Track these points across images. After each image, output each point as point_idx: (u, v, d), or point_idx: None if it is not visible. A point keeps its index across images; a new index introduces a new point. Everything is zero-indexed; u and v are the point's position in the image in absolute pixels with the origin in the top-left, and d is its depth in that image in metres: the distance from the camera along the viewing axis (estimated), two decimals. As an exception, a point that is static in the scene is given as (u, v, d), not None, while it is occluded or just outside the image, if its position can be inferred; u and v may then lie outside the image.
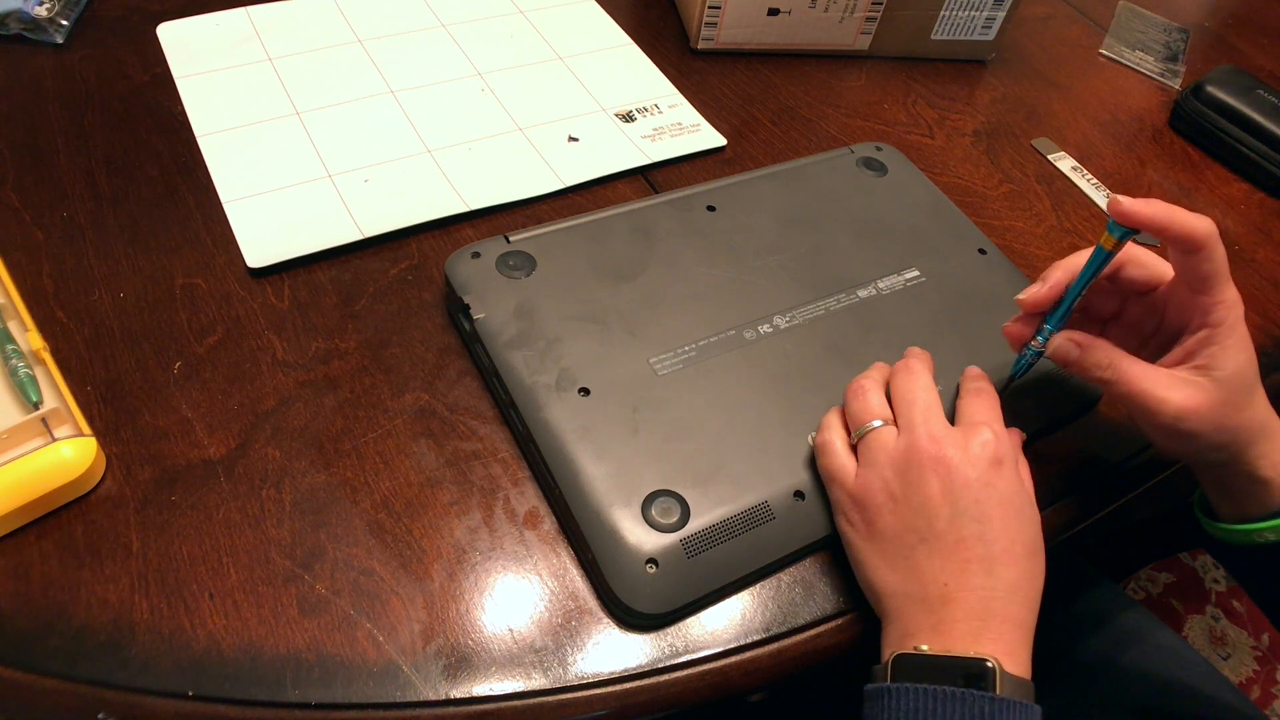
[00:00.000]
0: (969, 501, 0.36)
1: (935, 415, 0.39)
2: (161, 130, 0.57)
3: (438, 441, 0.44)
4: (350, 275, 0.51)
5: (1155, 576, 1.19)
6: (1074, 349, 0.40)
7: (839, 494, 0.40)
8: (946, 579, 0.36)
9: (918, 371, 0.41)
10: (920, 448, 0.38)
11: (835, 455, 0.40)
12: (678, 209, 0.53)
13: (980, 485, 0.37)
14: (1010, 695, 0.33)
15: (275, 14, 0.67)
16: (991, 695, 0.33)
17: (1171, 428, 0.38)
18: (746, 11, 0.68)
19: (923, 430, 0.38)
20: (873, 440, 0.39)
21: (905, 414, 0.39)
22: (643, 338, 0.46)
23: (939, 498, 0.37)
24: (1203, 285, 0.38)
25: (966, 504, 0.36)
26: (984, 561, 0.36)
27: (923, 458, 0.37)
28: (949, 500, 0.37)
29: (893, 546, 0.38)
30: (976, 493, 0.37)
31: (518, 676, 0.37)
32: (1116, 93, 0.76)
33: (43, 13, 0.61)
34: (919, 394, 0.40)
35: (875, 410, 0.40)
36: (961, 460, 0.37)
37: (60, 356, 0.45)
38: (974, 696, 0.33)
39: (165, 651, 0.36)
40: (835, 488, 0.40)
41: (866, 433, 0.40)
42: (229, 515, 0.41)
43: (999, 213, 0.63)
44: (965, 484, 0.37)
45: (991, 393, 0.41)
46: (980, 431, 0.38)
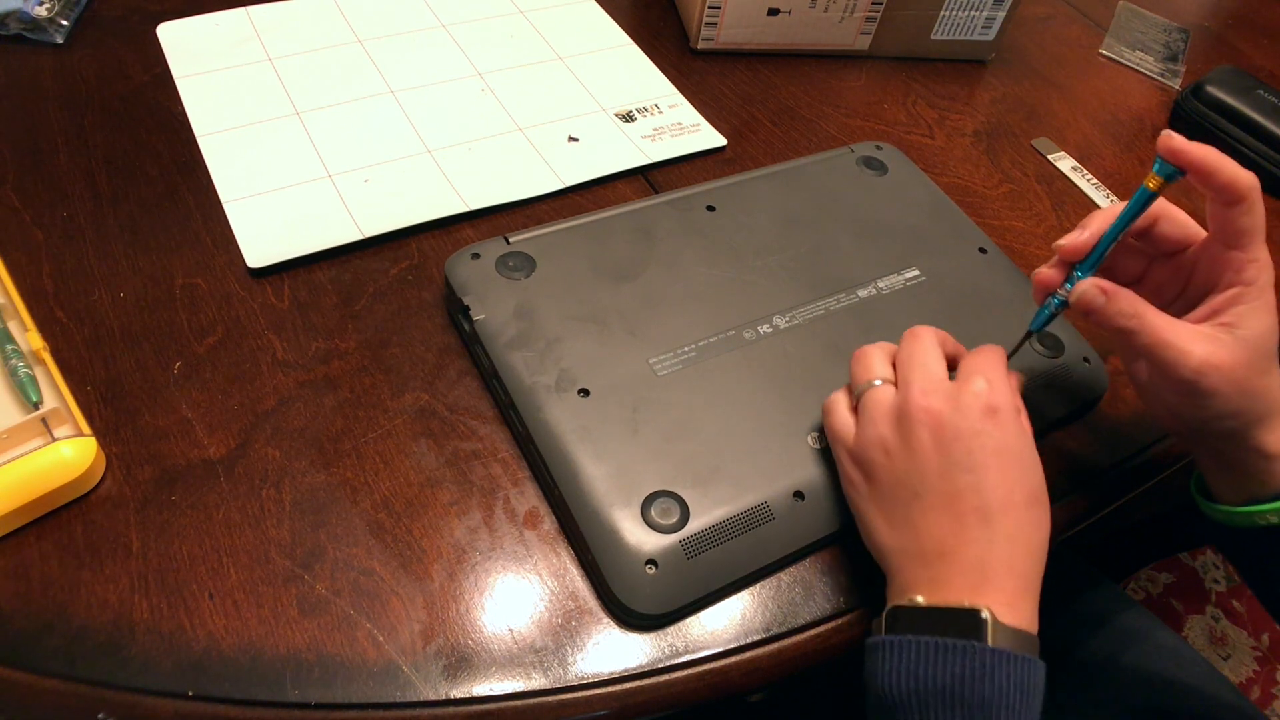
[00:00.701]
0: (961, 453, 0.36)
1: (933, 371, 0.38)
2: (161, 130, 0.57)
3: (438, 441, 0.44)
4: (350, 275, 0.51)
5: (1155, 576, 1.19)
6: (1100, 296, 0.39)
7: (840, 453, 0.40)
8: (943, 533, 0.35)
9: (922, 335, 0.40)
10: (913, 401, 0.37)
11: (837, 415, 0.41)
12: (677, 209, 0.53)
13: (972, 435, 0.36)
14: (1008, 646, 0.33)
15: (275, 14, 0.67)
16: (988, 646, 0.32)
17: (1191, 383, 0.37)
18: (746, 11, 0.68)
19: (917, 385, 0.38)
20: (870, 398, 0.39)
21: (904, 372, 0.39)
22: (642, 338, 0.46)
23: (931, 451, 0.36)
24: (1239, 240, 0.37)
25: (959, 455, 0.36)
26: (980, 513, 0.35)
27: (914, 410, 0.37)
28: (941, 452, 0.36)
29: (890, 503, 0.37)
30: (968, 443, 0.36)
31: (518, 676, 0.37)
32: (1116, 93, 0.76)
33: (43, 13, 0.61)
34: (918, 353, 0.39)
35: (875, 371, 0.40)
36: (952, 411, 0.37)
37: (60, 356, 0.45)
38: (970, 648, 0.32)
39: (165, 651, 0.36)
40: (837, 447, 0.41)
41: (864, 391, 0.40)
42: (229, 515, 0.41)
43: (999, 213, 0.63)
44: (956, 435, 0.36)
45: (994, 348, 0.40)
46: (974, 381, 0.37)
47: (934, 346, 0.40)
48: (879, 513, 0.38)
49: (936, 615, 0.34)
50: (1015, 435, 0.37)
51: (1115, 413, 0.51)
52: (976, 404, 0.37)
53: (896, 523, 0.37)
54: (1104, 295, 0.39)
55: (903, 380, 0.39)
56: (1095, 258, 0.40)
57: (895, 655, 0.34)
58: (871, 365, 0.41)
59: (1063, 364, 0.49)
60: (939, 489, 0.36)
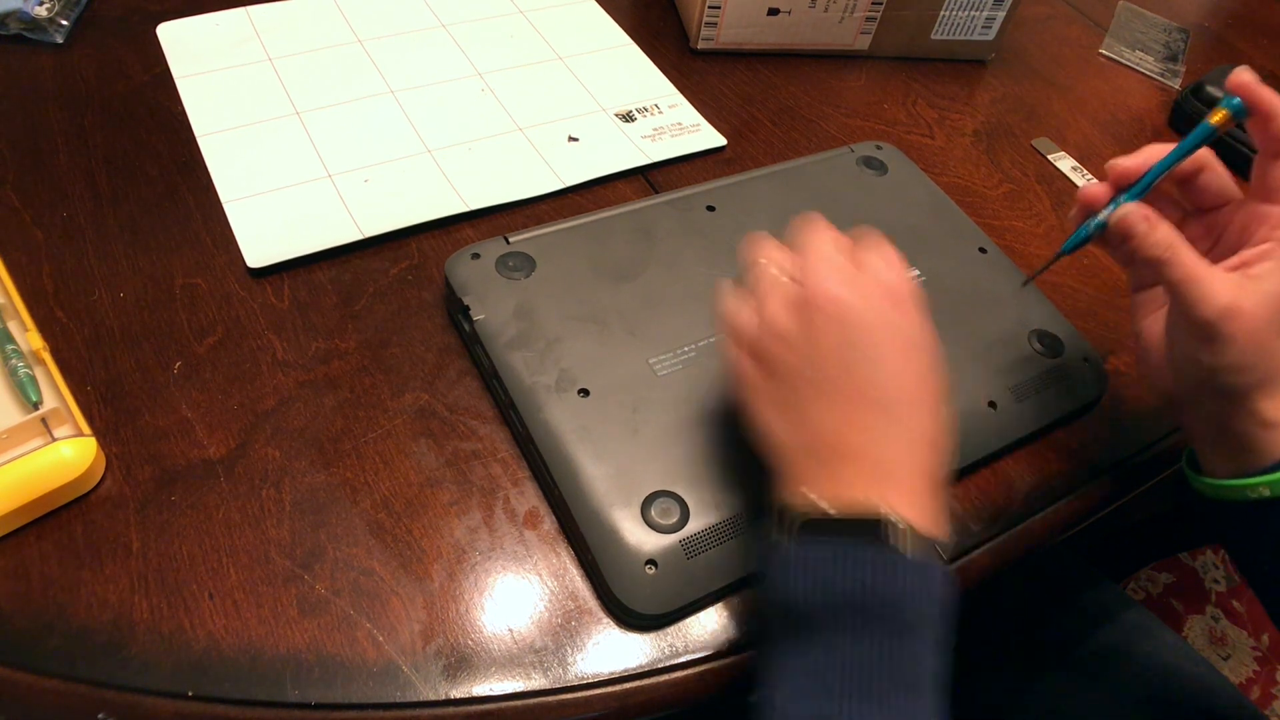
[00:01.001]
0: (866, 343, 0.34)
1: (834, 259, 0.37)
2: (161, 130, 0.57)
3: (438, 441, 0.44)
4: (350, 275, 0.51)
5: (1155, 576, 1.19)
6: (1142, 222, 0.38)
7: (735, 349, 0.38)
8: (843, 428, 0.34)
9: (818, 223, 0.39)
10: (813, 287, 0.35)
11: (732, 309, 0.39)
12: (677, 209, 0.53)
13: (878, 325, 0.35)
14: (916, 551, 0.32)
15: (275, 14, 0.67)
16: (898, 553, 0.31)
17: (1212, 325, 0.36)
18: (746, 11, 0.68)
19: (817, 272, 0.36)
20: (770, 288, 0.37)
21: (805, 260, 0.37)
22: (642, 338, 0.46)
23: (834, 341, 0.35)
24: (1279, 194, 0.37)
25: (863, 345, 0.34)
26: (882, 406, 0.34)
27: (819, 299, 0.35)
28: (845, 342, 0.34)
29: (787, 397, 0.36)
30: (874, 333, 0.35)
31: (518, 676, 0.37)
32: (1116, 93, 0.76)
33: (43, 13, 0.61)
34: (818, 241, 0.37)
35: (774, 260, 0.38)
36: (859, 299, 0.35)
37: (60, 356, 0.45)
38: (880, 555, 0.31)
39: (165, 651, 0.36)
40: (731, 339, 0.38)
41: (761, 276, 0.38)
42: (229, 515, 0.41)
43: (999, 213, 0.63)
44: (861, 323, 0.35)
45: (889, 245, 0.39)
46: (878, 268, 0.36)
47: (831, 232, 0.38)
48: (774, 408, 0.36)
49: (844, 522, 0.32)
50: (919, 327, 0.36)
51: (1115, 413, 0.51)
52: (882, 292, 0.35)
53: (794, 418, 0.35)
54: (1145, 222, 0.38)
55: (804, 268, 0.37)
56: (1143, 186, 0.40)
57: (802, 565, 0.32)
58: (770, 255, 0.38)
59: (1062, 364, 0.49)
60: (840, 381, 0.34)
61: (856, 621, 0.31)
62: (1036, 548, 0.46)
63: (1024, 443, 0.48)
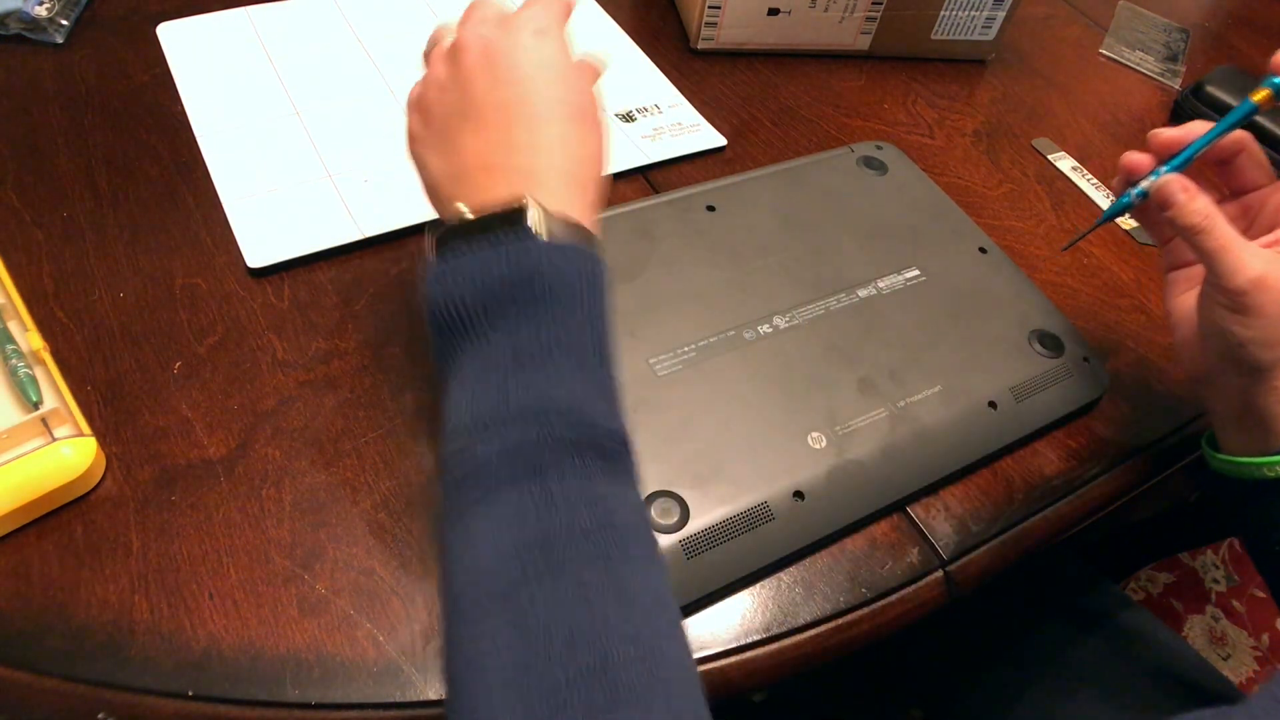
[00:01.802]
0: (506, 67, 0.35)
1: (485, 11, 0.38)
2: (161, 130, 0.57)
3: (438, 441, 0.44)
4: (350, 275, 0.51)
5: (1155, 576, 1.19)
6: (1180, 191, 0.40)
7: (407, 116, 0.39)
8: (489, 147, 0.35)
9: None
10: (465, 33, 0.37)
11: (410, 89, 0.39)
12: (677, 209, 0.53)
13: (518, 49, 0.36)
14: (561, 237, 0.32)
15: (275, 14, 0.67)
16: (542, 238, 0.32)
17: (1242, 294, 0.37)
18: (746, 11, 0.68)
19: (472, 20, 0.37)
20: (436, 50, 0.38)
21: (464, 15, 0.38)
22: (642, 338, 0.46)
23: (479, 72, 0.36)
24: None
25: (504, 71, 0.35)
26: (526, 121, 0.35)
27: (465, 40, 0.36)
28: (487, 70, 0.35)
29: (440, 133, 0.36)
30: (515, 57, 0.35)
31: (518, 676, 0.37)
32: (1116, 93, 0.76)
33: (43, 13, 0.61)
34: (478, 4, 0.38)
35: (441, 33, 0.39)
36: (503, 35, 0.36)
37: (60, 356, 0.45)
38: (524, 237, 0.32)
39: (165, 651, 0.36)
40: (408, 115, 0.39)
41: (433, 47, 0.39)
42: (229, 515, 0.41)
43: (999, 213, 0.63)
44: (502, 52, 0.36)
45: None
46: (527, 9, 0.37)
47: None
48: (431, 150, 0.37)
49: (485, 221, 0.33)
50: (563, 53, 0.37)
51: (1115, 412, 0.51)
52: (526, 26, 0.36)
53: (447, 151, 0.36)
54: (1186, 191, 0.40)
55: (460, 21, 0.38)
56: (1184, 158, 0.41)
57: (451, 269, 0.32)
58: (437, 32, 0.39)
59: (1063, 364, 0.49)
60: (485, 106, 0.35)
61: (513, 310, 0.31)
62: (1036, 548, 0.46)
63: (1024, 443, 0.48)
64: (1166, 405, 0.52)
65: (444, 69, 0.37)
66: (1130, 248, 0.62)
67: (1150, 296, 0.58)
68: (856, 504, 0.43)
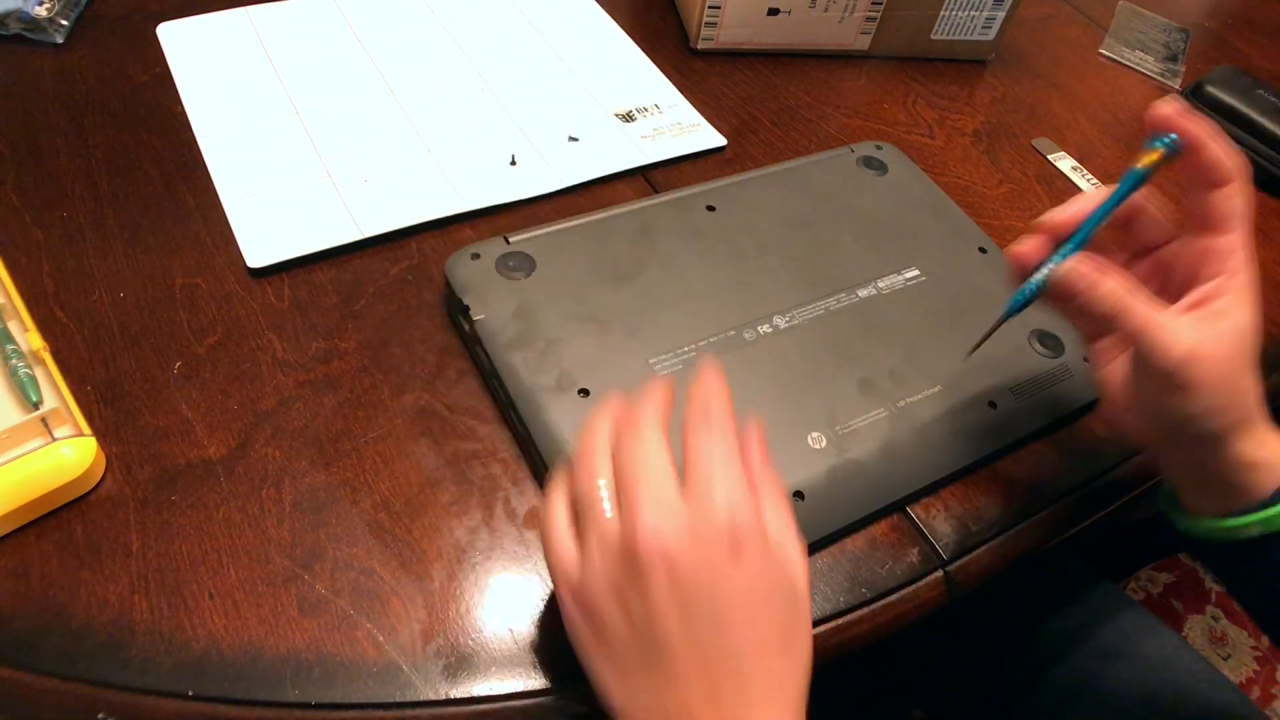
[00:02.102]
0: (705, 606, 0.30)
1: (660, 489, 0.31)
2: (161, 130, 0.57)
3: (437, 441, 0.44)
4: (350, 275, 0.51)
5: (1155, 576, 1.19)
6: (1081, 279, 0.36)
7: (559, 587, 0.33)
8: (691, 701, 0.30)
9: (643, 432, 0.33)
10: (642, 539, 0.30)
11: (554, 538, 0.34)
12: (677, 209, 0.53)
13: (715, 583, 0.31)
14: None
15: (275, 14, 0.67)
16: None
17: (1176, 373, 0.34)
18: (746, 11, 0.68)
19: (644, 515, 0.31)
20: (593, 523, 0.32)
21: (625, 491, 0.32)
22: (643, 338, 0.46)
23: (669, 604, 0.30)
24: (1224, 224, 0.35)
25: (702, 609, 0.30)
26: (734, 675, 0.31)
27: (645, 552, 0.30)
28: (681, 606, 0.30)
29: (625, 663, 0.32)
30: (712, 594, 0.31)
31: (518, 676, 0.37)
32: (1116, 93, 0.76)
33: (43, 13, 0.61)
34: (640, 465, 0.32)
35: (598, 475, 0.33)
36: (691, 551, 0.30)
37: (60, 356, 0.45)
38: None
39: (165, 651, 0.36)
40: (556, 579, 0.34)
41: (585, 510, 0.33)
42: (229, 515, 0.41)
43: (999, 213, 0.63)
44: (697, 584, 0.30)
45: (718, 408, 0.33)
46: (712, 501, 0.31)
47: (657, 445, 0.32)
48: (612, 670, 0.32)
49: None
50: (762, 570, 0.32)
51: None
52: (718, 538, 0.31)
53: (635, 688, 0.31)
54: (1088, 277, 0.36)
55: (625, 502, 0.32)
56: (1080, 238, 0.38)
57: None
58: (593, 469, 0.33)
59: (1063, 363, 0.49)
60: (682, 651, 0.30)
61: None
62: (1036, 548, 0.46)
63: (1024, 443, 0.48)
64: (1166, 405, 0.52)
65: (617, 570, 0.31)
66: (1130, 248, 0.62)
67: (1150, 296, 0.58)
68: (856, 504, 0.43)
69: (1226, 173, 0.35)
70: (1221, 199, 0.35)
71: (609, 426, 0.34)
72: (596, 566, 0.32)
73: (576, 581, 0.32)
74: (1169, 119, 0.35)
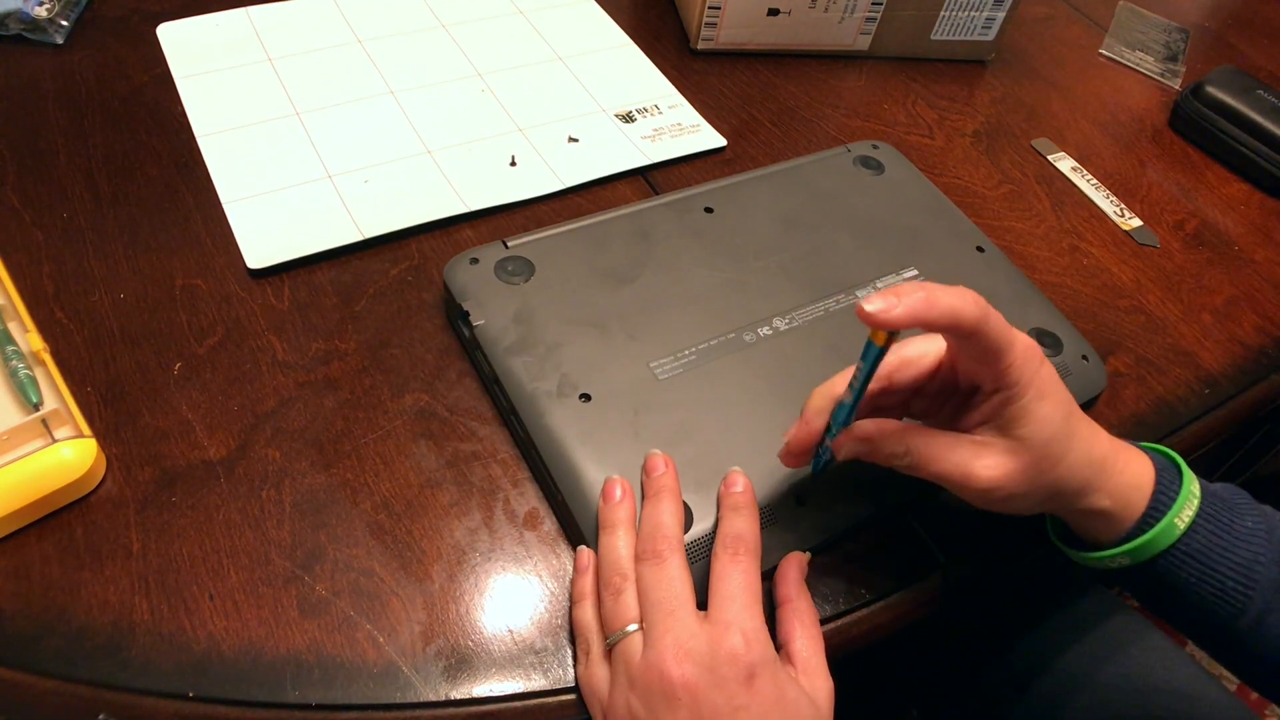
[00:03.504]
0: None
1: (683, 622, 0.35)
2: (161, 130, 0.57)
3: (437, 442, 0.44)
4: (350, 276, 0.51)
5: (1154, 576, 1.18)
6: (862, 445, 0.37)
7: (591, 706, 0.37)
8: None
9: (666, 559, 0.37)
10: (662, 671, 0.34)
11: (595, 667, 0.37)
12: (675, 211, 0.53)
13: (731, 711, 0.33)
14: None
15: (275, 14, 0.67)
16: None
17: (985, 499, 0.36)
18: (746, 11, 0.68)
19: (665, 644, 0.34)
20: (622, 651, 0.35)
21: (649, 618, 0.35)
22: (643, 341, 0.46)
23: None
24: (986, 357, 0.34)
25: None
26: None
27: (667, 681, 0.33)
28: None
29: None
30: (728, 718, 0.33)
31: (518, 677, 0.38)
32: (1116, 93, 0.76)
33: (43, 13, 0.61)
34: (667, 600, 0.35)
35: (628, 613, 0.36)
36: (710, 684, 0.33)
37: (60, 357, 0.45)
38: None
39: (165, 652, 0.36)
40: (590, 703, 0.37)
41: (617, 641, 0.36)
42: (229, 516, 0.41)
43: (999, 213, 0.63)
44: (715, 712, 0.33)
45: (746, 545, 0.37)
46: (730, 637, 0.34)
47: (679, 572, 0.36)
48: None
49: None
50: (775, 700, 0.34)
51: (1113, 411, 0.51)
52: (735, 671, 0.34)
53: None
54: (866, 444, 0.37)
55: (649, 630, 0.35)
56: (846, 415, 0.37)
57: None
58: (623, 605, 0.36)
59: (1061, 362, 0.49)
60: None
61: None
62: (1034, 549, 0.46)
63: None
64: (1165, 405, 0.53)
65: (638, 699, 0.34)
66: (1130, 248, 0.62)
67: (1149, 297, 0.58)
68: (856, 507, 0.43)
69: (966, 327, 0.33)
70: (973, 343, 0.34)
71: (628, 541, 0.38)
72: (624, 690, 0.35)
73: (607, 702, 0.35)
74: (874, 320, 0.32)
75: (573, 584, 0.40)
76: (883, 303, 0.32)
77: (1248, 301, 0.60)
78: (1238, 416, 0.54)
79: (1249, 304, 0.59)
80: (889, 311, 0.32)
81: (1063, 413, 0.36)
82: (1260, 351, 0.57)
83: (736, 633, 0.34)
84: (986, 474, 0.35)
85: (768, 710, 0.34)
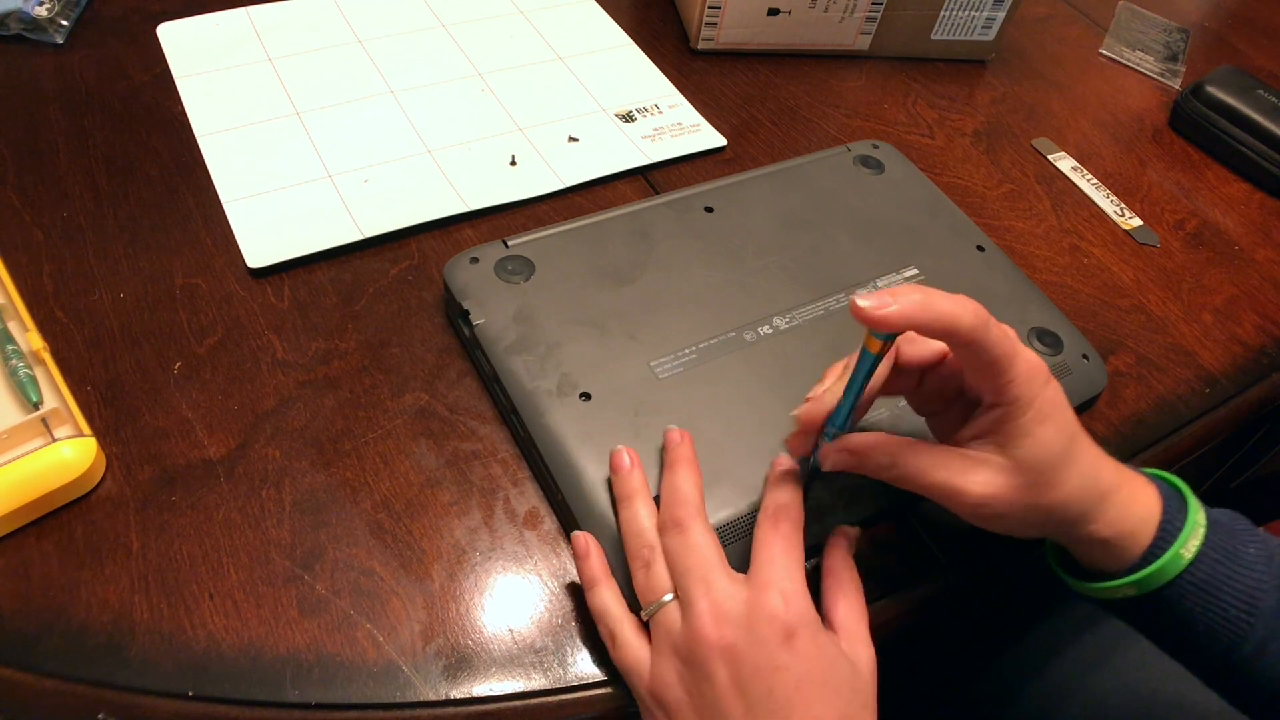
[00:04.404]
0: (762, 692, 0.32)
1: (717, 584, 0.35)
2: (161, 130, 0.57)
3: (437, 442, 0.44)
4: (350, 275, 0.51)
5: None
6: (849, 458, 0.36)
7: (636, 688, 0.36)
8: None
9: (688, 526, 0.36)
10: (702, 634, 0.34)
11: (626, 647, 0.36)
12: (675, 210, 0.53)
13: (772, 671, 0.33)
14: None
15: (275, 14, 0.67)
16: None
17: (975, 515, 0.35)
18: (746, 11, 0.68)
19: (702, 608, 0.34)
20: (661, 622, 0.35)
21: (682, 587, 0.35)
22: (643, 341, 0.46)
23: (730, 693, 0.33)
24: (987, 370, 0.33)
25: (760, 695, 0.32)
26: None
27: (706, 646, 0.33)
28: (740, 694, 0.33)
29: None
30: (769, 680, 0.33)
31: (518, 677, 0.38)
32: (1116, 93, 0.76)
33: (43, 13, 0.61)
34: (697, 565, 0.35)
35: (661, 584, 0.36)
36: (749, 643, 0.33)
37: (60, 357, 0.45)
38: None
39: (165, 652, 0.36)
40: (631, 681, 0.36)
41: (654, 612, 0.36)
42: (229, 515, 0.41)
43: (999, 213, 0.63)
44: (755, 671, 0.33)
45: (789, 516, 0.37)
46: (769, 596, 0.34)
47: (704, 537, 0.36)
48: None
49: None
50: (815, 658, 0.34)
51: (1113, 410, 0.51)
52: (773, 631, 0.33)
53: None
54: (854, 456, 0.36)
55: (684, 598, 0.35)
56: (843, 418, 0.37)
57: None
58: (655, 576, 0.36)
59: (1061, 361, 0.49)
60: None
61: None
62: (1034, 548, 0.46)
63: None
64: (1166, 405, 0.52)
65: (682, 664, 0.34)
66: (1130, 248, 0.62)
67: (1149, 296, 0.58)
68: (857, 505, 0.43)
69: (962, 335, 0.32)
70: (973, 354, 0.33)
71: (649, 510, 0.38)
72: (665, 662, 0.35)
73: (649, 680, 0.35)
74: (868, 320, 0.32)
75: (580, 571, 0.39)
76: (876, 300, 0.31)
77: (1248, 301, 0.60)
78: (1238, 416, 0.54)
79: (1249, 304, 0.59)
80: (881, 309, 0.31)
81: (1065, 437, 0.35)
82: (1260, 351, 0.57)
83: (776, 592, 0.34)
84: (976, 490, 0.34)
85: (809, 669, 0.33)
